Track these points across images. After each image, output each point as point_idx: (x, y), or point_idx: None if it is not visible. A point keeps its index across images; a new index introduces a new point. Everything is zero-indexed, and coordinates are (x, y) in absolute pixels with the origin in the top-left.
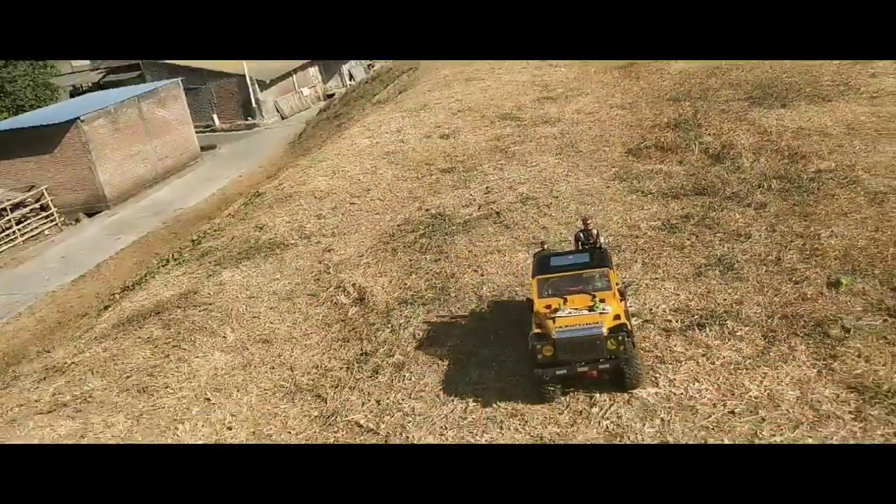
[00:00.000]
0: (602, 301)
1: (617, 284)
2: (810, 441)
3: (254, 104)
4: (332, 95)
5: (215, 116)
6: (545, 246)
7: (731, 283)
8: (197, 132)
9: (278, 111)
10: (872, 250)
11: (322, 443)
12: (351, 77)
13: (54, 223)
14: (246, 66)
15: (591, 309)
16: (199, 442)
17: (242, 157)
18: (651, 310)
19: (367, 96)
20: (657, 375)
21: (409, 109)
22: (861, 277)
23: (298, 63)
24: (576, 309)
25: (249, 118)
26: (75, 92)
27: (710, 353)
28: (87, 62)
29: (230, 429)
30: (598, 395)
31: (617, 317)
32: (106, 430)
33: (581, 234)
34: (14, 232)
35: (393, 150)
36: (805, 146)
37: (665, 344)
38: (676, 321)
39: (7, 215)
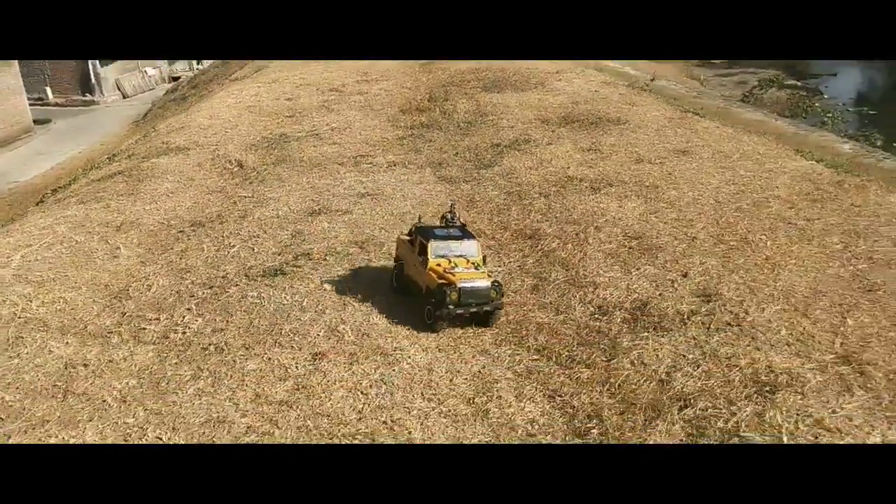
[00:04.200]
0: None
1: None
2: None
3: (93, 80)
4: (178, 78)
5: (48, 89)
6: (421, 219)
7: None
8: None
9: (120, 89)
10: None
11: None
12: (199, 60)
13: None
14: None
15: (476, 268)
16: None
17: (81, 133)
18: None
19: (219, 79)
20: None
21: (264, 82)
22: (564, 271)
23: None
24: (465, 268)
25: (88, 94)
26: None
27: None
28: None
29: (207, 195)
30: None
31: (490, 274)
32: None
33: (448, 215)
34: None
35: (252, 105)
36: (491, 111)
37: None
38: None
39: None
